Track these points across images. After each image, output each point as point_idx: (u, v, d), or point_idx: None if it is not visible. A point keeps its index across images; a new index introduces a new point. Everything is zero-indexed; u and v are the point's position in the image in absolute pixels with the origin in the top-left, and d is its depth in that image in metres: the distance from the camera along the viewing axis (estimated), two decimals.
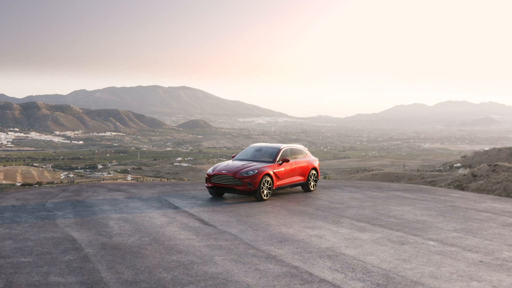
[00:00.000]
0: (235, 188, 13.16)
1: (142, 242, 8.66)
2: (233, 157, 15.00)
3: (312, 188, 15.32)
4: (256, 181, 13.06)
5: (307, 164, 15.07)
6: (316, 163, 15.57)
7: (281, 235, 9.27)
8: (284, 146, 14.61)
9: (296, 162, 14.63)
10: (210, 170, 13.85)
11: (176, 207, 12.19)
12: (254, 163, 13.75)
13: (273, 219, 10.85)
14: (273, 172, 13.62)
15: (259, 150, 14.80)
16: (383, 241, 9.00)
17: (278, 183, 13.89)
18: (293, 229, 9.83)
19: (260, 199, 13.26)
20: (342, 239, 9.10)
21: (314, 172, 15.38)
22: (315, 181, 15.48)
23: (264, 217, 11.04)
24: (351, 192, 15.48)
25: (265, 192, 13.35)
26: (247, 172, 13.15)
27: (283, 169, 14.02)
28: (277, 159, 14.01)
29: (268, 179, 13.40)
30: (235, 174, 13.13)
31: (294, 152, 14.90)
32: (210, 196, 14.19)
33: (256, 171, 13.20)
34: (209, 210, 11.83)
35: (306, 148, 15.81)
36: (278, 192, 14.91)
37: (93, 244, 8.44)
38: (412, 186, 18.11)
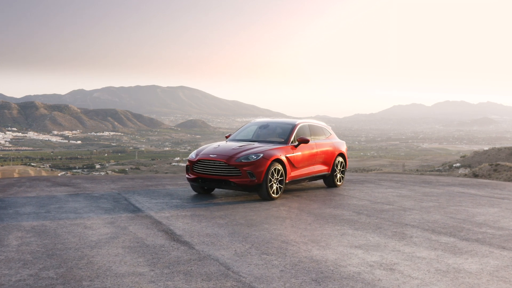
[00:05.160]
0: (230, 181, 8.67)
1: (36, 282, 4.28)
2: (227, 137, 10.61)
3: (338, 183, 10.94)
4: (261, 170, 8.63)
5: (332, 149, 10.69)
6: (343, 147, 11.19)
7: (314, 265, 4.87)
8: (300, 122, 10.23)
9: (317, 145, 10.23)
10: (192, 155, 9.40)
11: (136, 210, 7.78)
12: (257, 144, 9.34)
13: (292, 231, 6.45)
14: (286, 157, 9.20)
15: (264, 126, 10.39)
16: None
17: (293, 174, 9.47)
18: (332, 251, 5.43)
19: (267, 197, 8.86)
20: (433, 272, 4.72)
21: (341, 159, 10.99)
22: (343, 172, 11.11)
23: (276, 228, 6.64)
24: (394, 188, 11.09)
25: (274, 187, 8.93)
26: (247, 156, 8.73)
27: (300, 153, 9.62)
28: (291, 139, 9.61)
29: (279, 167, 8.97)
30: (230, 160, 8.70)
31: (315, 131, 10.51)
32: (193, 192, 9.79)
33: (261, 155, 8.78)
34: (186, 215, 7.41)
35: (330, 127, 11.40)
36: (290, 188, 10.52)
37: None
38: (468, 180, 13.70)
